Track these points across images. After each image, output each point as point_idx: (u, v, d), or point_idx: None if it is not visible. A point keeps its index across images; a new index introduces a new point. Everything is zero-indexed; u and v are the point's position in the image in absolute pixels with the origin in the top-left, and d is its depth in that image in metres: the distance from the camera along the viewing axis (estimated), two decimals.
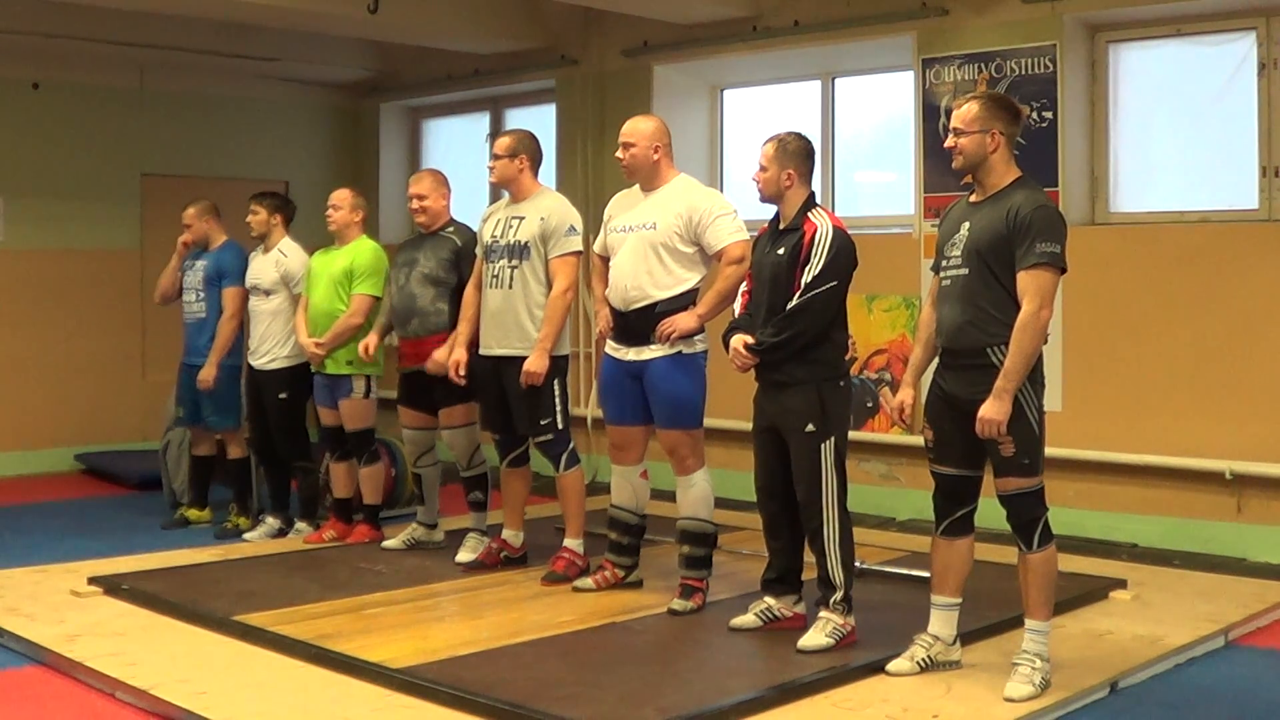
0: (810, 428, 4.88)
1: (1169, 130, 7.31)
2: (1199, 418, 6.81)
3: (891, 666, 4.57)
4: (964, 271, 4.43)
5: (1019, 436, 4.34)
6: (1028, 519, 4.40)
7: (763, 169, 5.06)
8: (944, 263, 4.53)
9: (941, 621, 4.63)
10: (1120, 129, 7.38)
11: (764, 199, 5.12)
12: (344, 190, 7.01)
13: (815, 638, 4.83)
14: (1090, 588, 5.77)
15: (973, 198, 4.54)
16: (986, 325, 4.36)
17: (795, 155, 5.02)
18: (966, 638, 4.75)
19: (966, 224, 4.47)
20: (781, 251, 4.95)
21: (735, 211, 5.56)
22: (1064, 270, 4.37)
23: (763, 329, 4.93)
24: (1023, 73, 7.29)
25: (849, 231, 5.01)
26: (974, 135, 4.43)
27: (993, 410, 4.27)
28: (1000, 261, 4.36)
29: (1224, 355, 6.76)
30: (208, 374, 7.23)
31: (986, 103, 4.48)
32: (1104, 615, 5.45)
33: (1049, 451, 6.96)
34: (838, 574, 4.88)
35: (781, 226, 5.03)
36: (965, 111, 4.47)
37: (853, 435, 7.78)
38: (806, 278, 4.86)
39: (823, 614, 4.90)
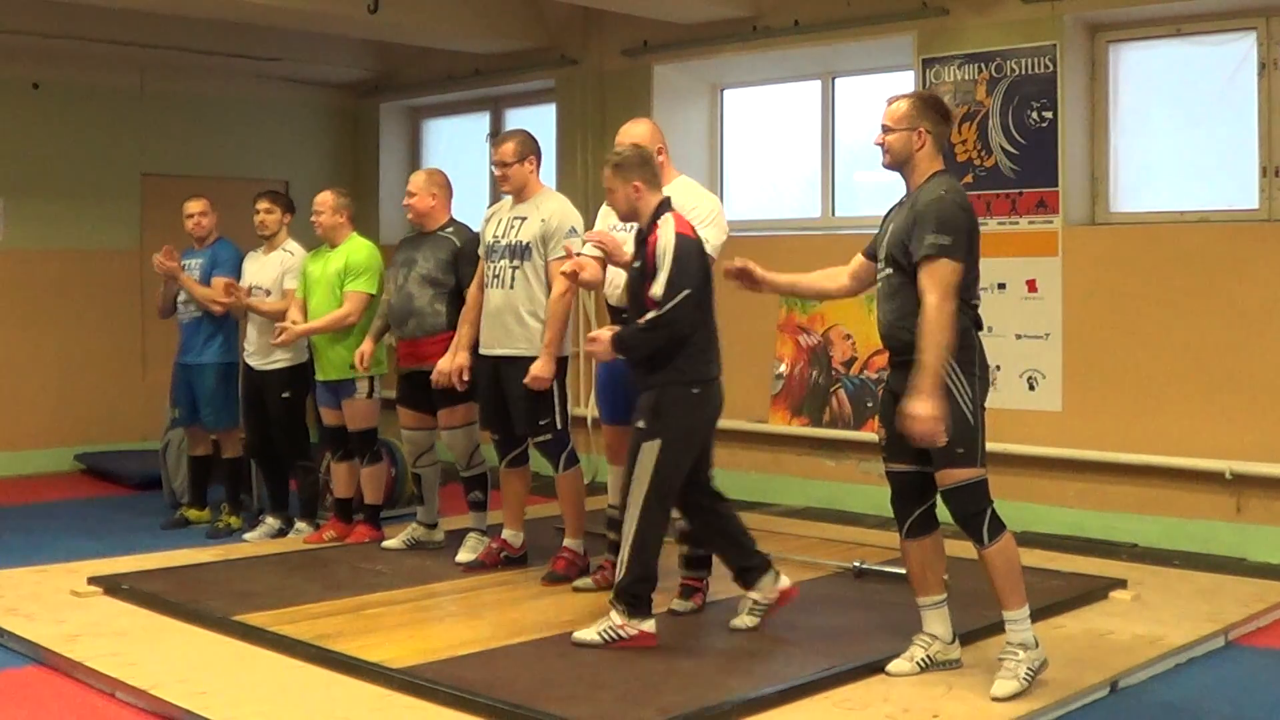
0: (640, 424, 4.87)
1: (1169, 130, 7.31)
2: (1199, 418, 6.81)
3: (891, 667, 4.57)
4: (888, 271, 4.47)
5: (950, 424, 4.27)
6: (972, 512, 4.35)
7: (610, 191, 5.02)
8: (879, 263, 4.57)
9: (935, 620, 4.62)
10: (1120, 129, 7.39)
11: (622, 218, 5.11)
12: (325, 194, 6.95)
13: (588, 633, 4.86)
14: (1090, 588, 5.77)
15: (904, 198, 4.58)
16: (912, 323, 4.33)
17: (634, 168, 4.95)
18: (966, 638, 4.75)
19: (891, 225, 4.51)
20: (638, 264, 4.94)
21: (719, 222, 5.43)
22: (959, 261, 4.28)
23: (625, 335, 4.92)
24: (1023, 73, 7.30)
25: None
26: (901, 133, 4.45)
27: (913, 407, 4.19)
28: (910, 259, 4.37)
29: (1224, 355, 6.76)
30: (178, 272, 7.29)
31: (915, 101, 4.52)
32: (1104, 615, 5.44)
33: (1049, 451, 7.10)
34: (621, 568, 4.87)
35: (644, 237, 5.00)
36: (895, 109, 4.50)
37: (853, 435, 7.92)
38: (655, 292, 4.80)
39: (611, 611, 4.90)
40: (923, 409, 4.19)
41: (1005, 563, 4.38)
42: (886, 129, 4.49)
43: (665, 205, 4.96)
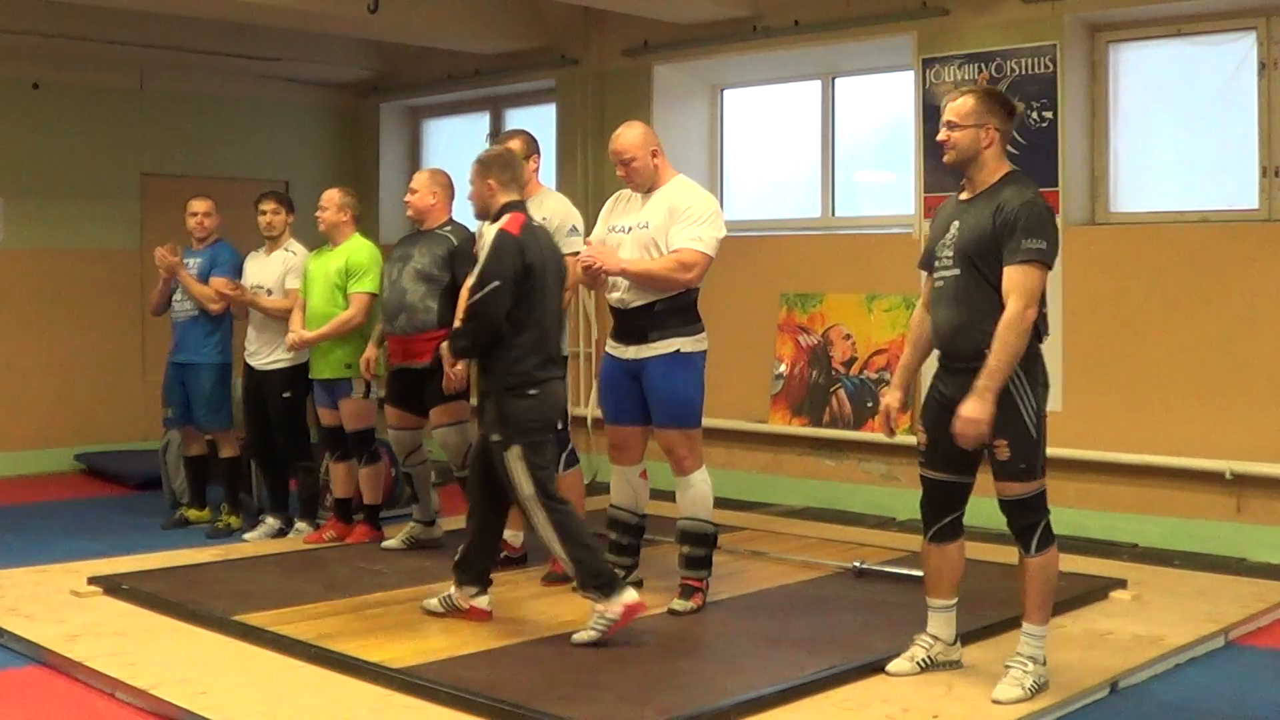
0: (495, 437, 4.97)
1: (1169, 130, 7.31)
2: (1199, 418, 6.81)
3: (891, 667, 4.56)
4: (955, 272, 4.37)
5: (1014, 439, 4.27)
6: (1029, 523, 4.35)
7: (471, 187, 5.26)
8: (936, 263, 4.47)
9: (940, 623, 4.61)
10: (1120, 129, 7.38)
11: (476, 214, 5.36)
12: (331, 191, 7.00)
13: (583, 633, 4.90)
14: (1090, 588, 5.77)
15: (963, 195, 4.48)
16: (983, 326, 4.27)
17: (493, 168, 5.15)
18: (966, 638, 4.75)
19: (956, 223, 4.41)
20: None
21: (716, 221, 5.41)
22: (1050, 268, 4.28)
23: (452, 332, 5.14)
24: (1023, 73, 7.29)
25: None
26: (968, 130, 4.36)
27: (972, 409, 4.15)
28: (989, 261, 4.28)
29: (1224, 355, 6.76)
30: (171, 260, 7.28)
31: (983, 97, 4.42)
32: (1104, 615, 5.44)
33: (1049, 451, 7.01)
34: (568, 565, 4.96)
35: None
36: (961, 105, 4.39)
37: (853, 435, 7.92)
38: (469, 284, 5.01)
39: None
40: (980, 412, 4.14)
41: (1044, 577, 4.36)
42: (952, 125, 4.37)
43: (510, 207, 5.11)
